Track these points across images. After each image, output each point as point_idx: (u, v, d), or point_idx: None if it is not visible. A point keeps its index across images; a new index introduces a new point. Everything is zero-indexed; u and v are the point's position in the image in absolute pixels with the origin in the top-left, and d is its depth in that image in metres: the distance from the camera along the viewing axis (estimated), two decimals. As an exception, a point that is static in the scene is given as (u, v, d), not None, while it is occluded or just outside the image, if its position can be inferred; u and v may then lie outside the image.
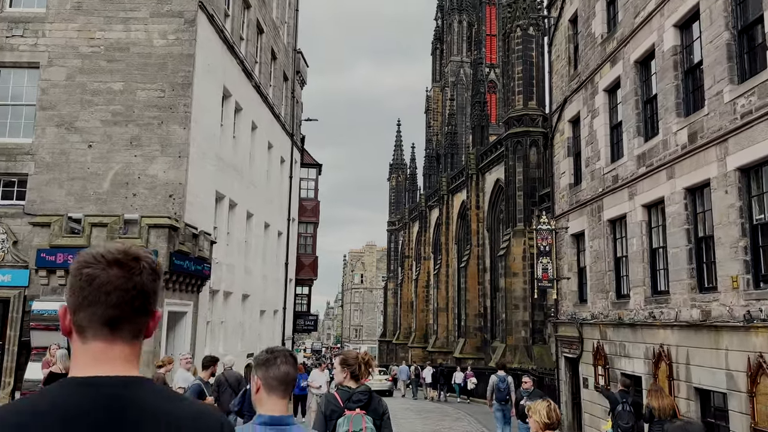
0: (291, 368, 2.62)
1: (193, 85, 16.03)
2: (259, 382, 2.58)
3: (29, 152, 15.77)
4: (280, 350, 2.71)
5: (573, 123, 19.43)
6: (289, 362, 2.62)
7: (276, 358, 2.62)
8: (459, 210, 43.46)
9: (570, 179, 19.37)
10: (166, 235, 13.69)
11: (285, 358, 2.64)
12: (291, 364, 2.63)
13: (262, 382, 2.58)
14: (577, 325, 17.84)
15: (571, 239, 19.07)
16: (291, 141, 28.73)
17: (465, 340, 37.41)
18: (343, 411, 4.75)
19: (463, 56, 67.98)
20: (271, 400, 2.55)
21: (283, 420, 2.51)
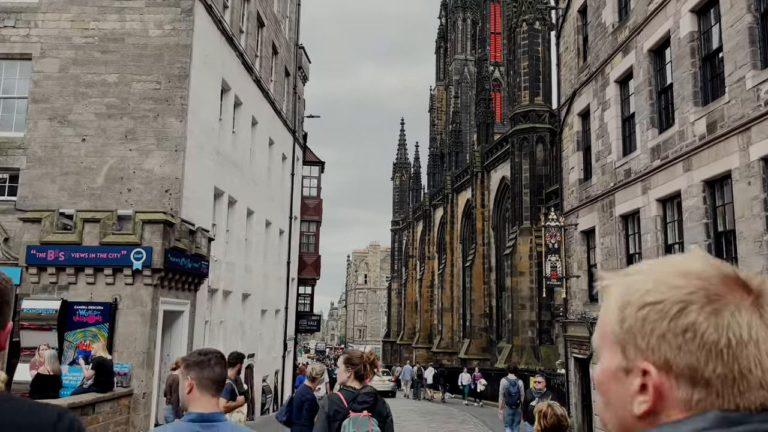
0: (223, 369, 2.76)
1: (190, 77, 15.50)
2: (193, 382, 2.68)
3: (21, 146, 15.27)
4: (212, 351, 2.83)
5: (582, 116, 18.84)
6: (221, 363, 2.76)
7: (210, 360, 2.73)
8: (464, 209, 42.88)
9: (579, 174, 18.78)
10: (161, 231, 13.16)
11: (217, 359, 2.77)
12: (222, 365, 2.77)
13: (195, 382, 2.68)
14: (588, 325, 17.24)
15: (581, 236, 18.48)
16: (293, 138, 28.20)
17: (470, 341, 36.82)
18: (347, 412, 4.59)
19: (468, 54, 67.37)
20: (204, 398, 2.68)
21: (214, 417, 2.63)
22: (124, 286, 13.15)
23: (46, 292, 13.27)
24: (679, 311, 0.85)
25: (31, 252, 13.18)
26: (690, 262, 0.89)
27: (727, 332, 0.83)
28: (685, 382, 0.84)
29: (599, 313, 0.94)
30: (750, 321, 0.84)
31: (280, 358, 26.73)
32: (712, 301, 0.84)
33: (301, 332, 35.88)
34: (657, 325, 0.86)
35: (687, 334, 0.84)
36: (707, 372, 0.83)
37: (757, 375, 0.83)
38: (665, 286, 0.87)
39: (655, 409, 0.86)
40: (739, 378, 0.83)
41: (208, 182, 17.12)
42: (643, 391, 0.86)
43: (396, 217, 67.37)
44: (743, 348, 0.83)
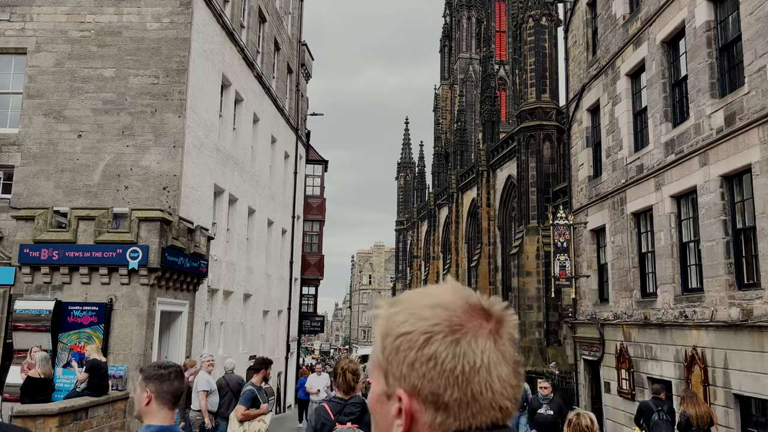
0: (181, 383, 2.83)
1: (188, 71, 15.09)
2: (151, 394, 2.72)
3: (15, 143, 14.88)
4: (172, 365, 2.86)
5: (592, 112, 18.36)
6: (179, 377, 2.83)
7: (170, 374, 2.79)
8: (469, 208, 42.36)
9: (589, 171, 18.29)
10: (157, 229, 12.73)
11: (177, 373, 2.82)
12: (181, 380, 2.84)
13: (154, 395, 2.72)
14: (598, 326, 16.76)
15: (591, 235, 17.99)
16: (295, 136, 27.77)
17: (476, 342, 36.31)
18: (334, 425, 4.46)
19: (472, 53, 66.88)
20: (162, 411, 2.72)
21: (172, 429, 2.72)
22: (119, 286, 12.73)
23: (40, 292, 12.86)
24: (424, 342, 0.93)
25: (24, 251, 12.77)
26: (441, 293, 0.98)
27: (462, 360, 0.92)
28: (430, 407, 0.94)
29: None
30: (484, 348, 0.93)
31: (283, 360, 26.29)
32: (454, 331, 0.93)
33: (304, 333, 35.49)
34: (408, 354, 0.95)
35: (430, 363, 0.93)
36: (446, 397, 0.93)
37: (487, 397, 0.93)
38: (415, 317, 0.96)
39: (410, 430, 0.95)
40: (472, 401, 0.93)
41: (208, 180, 16.70)
42: (400, 414, 0.95)
43: (400, 217, 66.86)
44: (475, 374, 0.92)
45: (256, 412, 8.41)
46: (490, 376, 0.94)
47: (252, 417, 8.36)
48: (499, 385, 0.94)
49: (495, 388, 0.94)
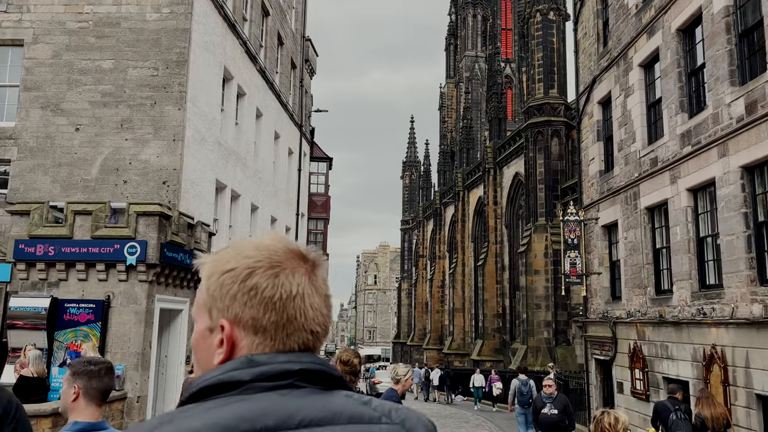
0: (111, 380, 2.81)
1: (188, 63, 14.71)
2: (79, 390, 2.72)
3: (12, 137, 14.54)
4: (102, 362, 2.86)
5: (603, 105, 17.88)
6: (109, 374, 2.81)
7: (99, 370, 2.78)
8: (475, 206, 41.89)
9: (600, 166, 17.81)
10: (156, 224, 12.34)
11: (107, 369, 2.83)
12: (111, 376, 2.81)
13: (82, 391, 2.72)
14: (610, 325, 16.27)
15: (602, 231, 17.50)
16: (299, 132, 27.38)
17: (483, 342, 35.83)
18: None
19: (478, 51, 66.34)
20: (89, 408, 2.72)
21: (101, 425, 2.72)
22: (117, 283, 12.35)
23: (36, 289, 12.49)
24: (247, 275, 1.05)
25: (19, 246, 12.40)
26: (264, 239, 1.12)
27: (280, 289, 1.05)
28: (250, 331, 1.05)
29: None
30: (300, 281, 1.07)
31: (287, 360, 25.89)
32: (274, 267, 1.06)
33: (309, 333, 35.01)
34: (231, 288, 1.05)
35: (251, 292, 1.04)
36: (265, 320, 1.04)
37: (301, 321, 1.06)
38: (240, 256, 1.07)
39: (231, 357, 1.05)
40: (287, 323, 1.05)
41: (209, 175, 16.31)
42: (222, 344, 1.06)
43: (406, 217, 66.43)
44: (291, 301, 1.05)
45: None
46: (304, 304, 1.06)
47: None
48: (311, 312, 1.07)
49: (308, 314, 1.07)
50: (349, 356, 4.53)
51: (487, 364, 34.10)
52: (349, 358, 4.50)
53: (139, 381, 12.09)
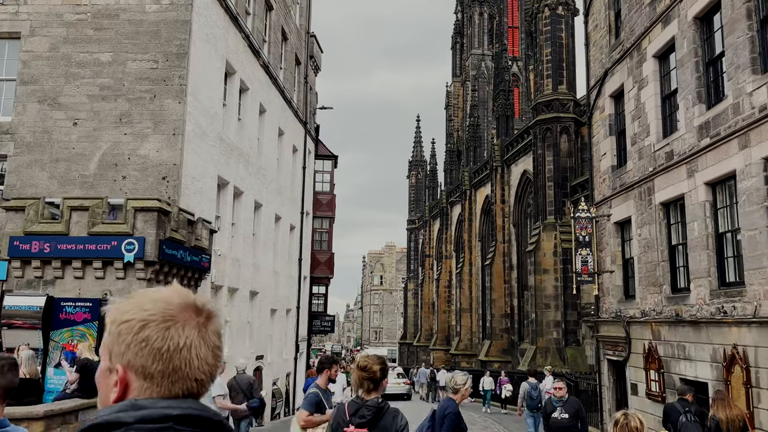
0: (15, 376, 2.76)
1: (189, 55, 14.32)
2: None
3: (8, 131, 14.18)
4: (5, 357, 2.81)
5: (615, 98, 17.38)
6: (12, 370, 2.75)
7: (2, 366, 2.68)
8: (483, 205, 41.38)
9: (612, 161, 17.31)
10: (154, 219, 11.94)
11: (10, 366, 2.76)
12: (14, 372, 2.76)
13: None
14: (624, 324, 15.77)
15: (615, 228, 17.00)
16: (304, 129, 26.98)
17: (491, 342, 35.31)
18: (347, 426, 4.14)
19: (485, 49, 65.83)
20: None
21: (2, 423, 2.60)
22: (114, 281, 11.96)
23: (31, 287, 12.12)
24: (140, 328, 1.17)
25: (14, 243, 12.04)
26: (164, 292, 1.23)
27: (168, 341, 1.16)
28: (140, 377, 1.17)
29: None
30: (189, 334, 1.18)
31: (292, 360, 25.49)
32: (166, 320, 1.17)
33: (314, 333, 34.69)
34: (126, 337, 1.18)
35: (142, 343, 1.16)
36: (152, 369, 1.17)
37: (185, 371, 1.18)
38: (137, 308, 1.20)
39: (124, 397, 1.18)
40: (172, 373, 1.17)
41: (211, 170, 15.92)
42: (117, 384, 1.19)
43: (412, 216, 65.96)
44: (178, 352, 1.16)
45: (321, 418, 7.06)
46: (190, 354, 1.18)
47: (316, 424, 7.08)
48: (197, 362, 1.19)
49: (193, 364, 1.18)
50: (368, 362, 4.16)
51: (495, 364, 33.60)
52: (367, 363, 4.15)
53: (137, 382, 11.69)
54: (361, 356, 4.32)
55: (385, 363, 4.27)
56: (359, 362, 4.17)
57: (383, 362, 4.28)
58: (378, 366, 4.15)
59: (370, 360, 4.20)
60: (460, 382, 6.48)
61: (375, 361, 4.21)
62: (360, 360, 4.23)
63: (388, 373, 4.36)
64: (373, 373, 4.09)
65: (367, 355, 4.30)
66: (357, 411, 4.08)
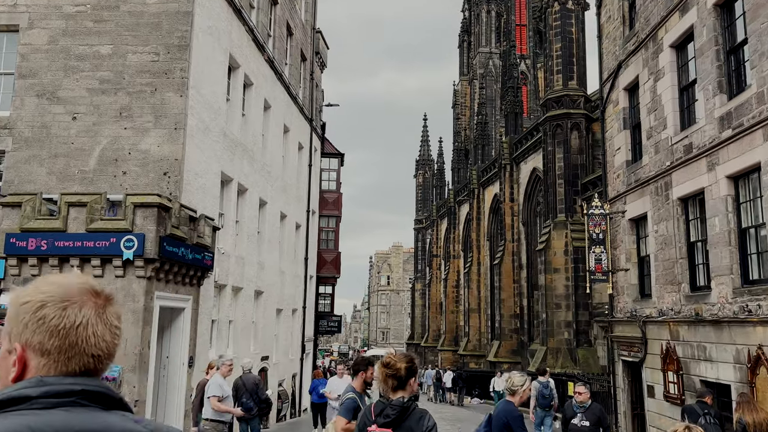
0: None
1: (191, 47, 13.92)
2: None
3: (6, 126, 13.83)
4: None
5: (629, 91, 16.87)
6: None
7: None
8: (491, 204, 40.86)
9: (627, 156, 16.80)
10: (155, 215, 11.54)
11: None
12: None
13: None
14: (640, 324, 15.25)
15: (629, 225, 16.49)
16: (310, 127, 26.57)
17: (500, 343, 34.79)
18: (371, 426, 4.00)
19: (492, 47, 65.31)
20: None
21: None
22: (113, 279, 11.56)
23: (28, 286, 11.73)
24: (38, 307, 1.24)
25: (10, 241, 11.66)
26: (64, 277, 1.31)
27: (65, 319, 1.24)
28: (37, 354, 1.24)
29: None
30: (86, 313, 1.26)
31: (298, 361, 25.08)
32: (63, 301, 1.25)
33: (321, 334, 34.27)
34: (24, 317, 1.24)
35: (40, 321, 1.23)
36: (49, 345, 1.24)
37: (82, 346, 1.24)
38: (36, 291, 1.27)
39: (23, 375, 1.24)
40: (69, 348, 1.24)
41: (215, 167, 15.52)
42: (15, 364, 1.24)
43: (419, 216, 65.47)
44: (74, 329, 1.24)
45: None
46: (87, 332, 1.25)
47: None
48: (93, 338, 1.26)
49: (90, 340, 1.25)
50: (392, 359, 3.95)
51: (505, 365, 33.08)
52: (391, 360, 3.93)
53: (137, 384, 11.30)
54: (388, 354, 4.08)
55: (413, 361, 4.01)
56: (383, 359, 3.97)
57: (410, 360, 4.01)
58: (403, 363, 3.90)
59: (395, 357, 3.97)
60: (518, 383, 6.04)
61: (400, 358, 3.97)
62: (387, 357, 3.99)
63: (416, 372, 4.04)
64: (397, 370, 3.86)
65: (393, 352, 4.07)
66: (382, 411, 3.93)
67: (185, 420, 13.23)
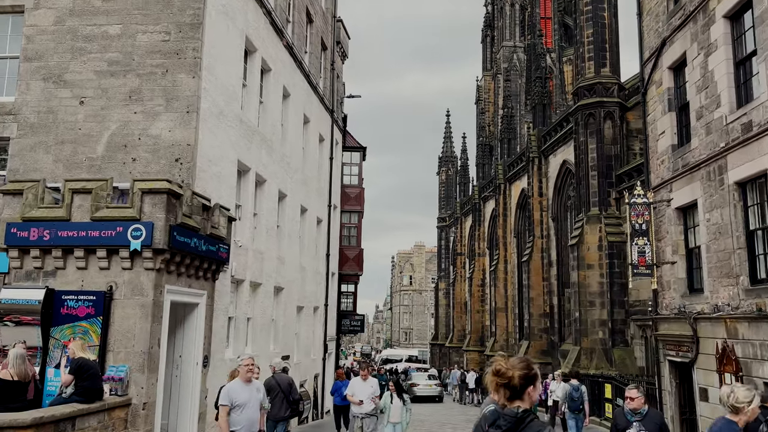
0: None
1: (204, 26, 13.05)
2: None
3: (11, 112, 13.10)
4: None
5: (675, 69, 15.61)
6: None
7: None
8: (518, 200, 39.57)
9: (672, 139, 15.54)
10: (164, 202, 10.66)
11: None
12: None
13: None
14: (690, 321, 14.00)
15: (676, 214, 15.23)
16: (331, 118, 25.64)
17: (529, 343, 33.51)
18: None
19: (516, 41, 63.94)
20: None
21: None
22: (120, 271, 10.71)
23: (30, 279, 10.94)
24: None
25: (11, 231, 10.88)
26: None
27: None
28: None
29: None
30: None
31: (320, 361, 24.15)
32: None
33: (343, 333, 33.37)
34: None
35: None
36: None
37: None
38: None
39: None
40: None
41: (231, 154, 14.64)
42: None
43: (442, 214, 64.27)
44: None
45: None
46: None
47: None
48: None
49: None
50: (502, 365, 3.37)
51: (535, 366, 31.77)
52: (501, 367, 3.36)
53: (145, 385, 10.42)
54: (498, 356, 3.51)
55: (530, 368, 3.37)
56: (494, 365, 3.45)
57: (527, 367, 3.36)
58: (517, 371, 3.32)
59: (507, 363, 3.38)
60: (743, 399, 4.97)
61: (514, 365, 3.40)
62: (495, 362, 3.42)
63: (535, 381, 3.39)
64: (509, 378, 3.33)
65: (507, 357, 3.48)
66: (495, 421, 3.60)
67: (200, 423, 12.35)
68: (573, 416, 16.40)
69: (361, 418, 11.94)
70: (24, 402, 8.58)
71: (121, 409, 10.05)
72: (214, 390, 13.01)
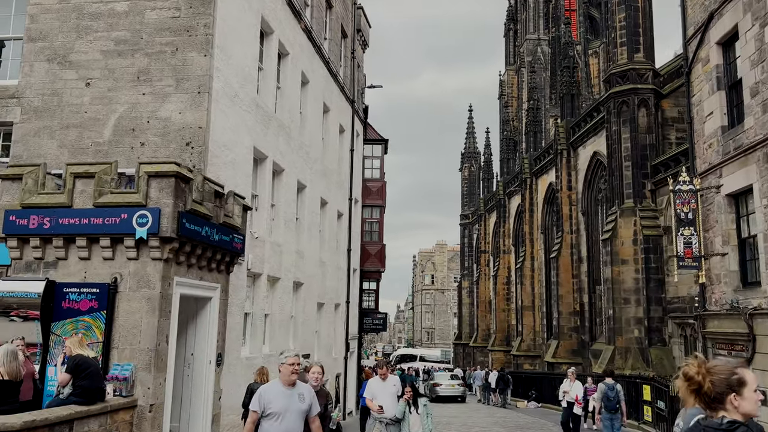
0: None
1: (216, 0, 12.20)
2: None
3: (15, 95, 12.39)
4: None
5: (724, 45, 14.42)
6: None
7: None
8: (545, 194, 38.29)
9: (722, 120, 14.34)
10: (171, 187, 9.81)
11: None
12: None
13: None
14: (745, 318, 12.81)
15: (727, 201, 14.04)
16: (351, 109, 24.73)
17: (558, 342, 32.26)
18: None
19: (540, 34, 62.50)
20: None
21: None
22: (125, 262, 9.88)
23: (30, 270, 10.17)
24: None
25: (9, 218, 10.12)
26: None
27: None
28: None
29: None
30: None
31: (342, 360, 23.25)
32: None
33: (365, 332, 32.48)
34: None
35: None
36: None
37: None
38: None
39: None
40: None
41: (246, 140, 13.79)
42: None
43: (465, 211, 63.04)
44: None
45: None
46: None
47: None
48: None
49: None
50: (692, 369, 2.93)
51: (563, 366, 30.52)
52: (689, 371, 2.94)
53: (152, 385, 9.57)
54: (692, 357, 3.08)
55: (728, 372, 2.85)
56: (684, 369, 3.06)
57: (723, 371, 2.84)
58: (712, 376, 2.84)
59: (701, 367, 2.92)
60: None
61: (708, 369, 2.91)
62: (686, 366, 3.00)
63: (738, 387, 2.73)
64: (698, 384, 2.88)
65: (703, 361, 3.02)
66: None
67: (213, 426, 11.50)
68: (609, 416, 15.48)
69: (386, 423, 10.53)
70: (15, 403, 7.77)
71: (125, 411, 9.21)
72: (228, 390, 12.18)
